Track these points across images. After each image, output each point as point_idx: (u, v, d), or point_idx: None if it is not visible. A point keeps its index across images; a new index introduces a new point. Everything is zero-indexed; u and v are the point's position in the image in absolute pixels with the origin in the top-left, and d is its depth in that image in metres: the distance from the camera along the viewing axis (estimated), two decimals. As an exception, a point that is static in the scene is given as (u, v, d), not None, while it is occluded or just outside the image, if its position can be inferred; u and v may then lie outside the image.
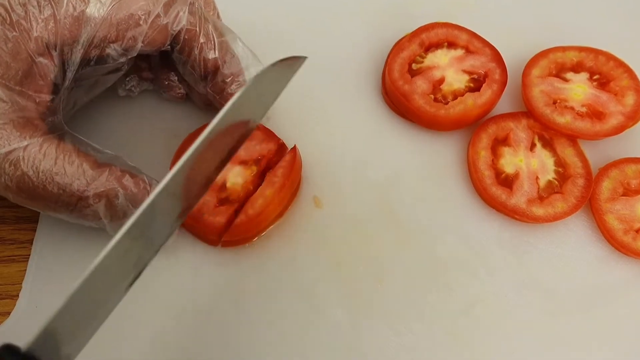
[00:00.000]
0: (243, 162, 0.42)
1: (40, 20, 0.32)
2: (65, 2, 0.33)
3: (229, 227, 0.40)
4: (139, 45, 0.36)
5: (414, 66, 0.47)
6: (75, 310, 0.25)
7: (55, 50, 0.33)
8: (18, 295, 0.41)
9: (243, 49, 0.41)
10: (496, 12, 0.52)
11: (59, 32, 0.33)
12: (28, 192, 0.33)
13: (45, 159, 0.33)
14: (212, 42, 0.39)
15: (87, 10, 0.33)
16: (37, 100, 0.33)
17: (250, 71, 0.41)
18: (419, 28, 0.48)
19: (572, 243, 0.43)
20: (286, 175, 0.41)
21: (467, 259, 0.42)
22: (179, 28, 0.37)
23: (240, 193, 0.41)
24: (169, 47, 0.38)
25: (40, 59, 0.33)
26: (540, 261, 0.42)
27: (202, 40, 0.38)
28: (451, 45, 0.47)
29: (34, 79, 0.33)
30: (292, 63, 0.33)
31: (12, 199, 0.34)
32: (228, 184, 0.41)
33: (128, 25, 0.35)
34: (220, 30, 0.40)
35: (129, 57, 0.37)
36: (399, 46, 0.47)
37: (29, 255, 0.42)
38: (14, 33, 0.31)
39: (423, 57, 0.47)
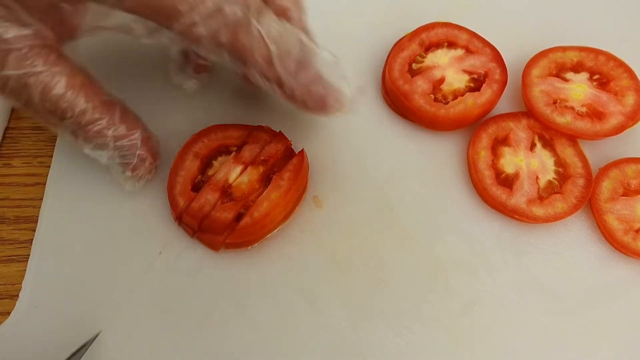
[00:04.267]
0: (251, 162, 0.42)
1: None
2: None
3: (234, 226, 0.40)
4: (168, 39, 0.35)
5: (414, 66, 0.47)
6: None
7: (82, 3, 0.33)
8: (18, 295, 0.41)
9: (327, 56, 0.38)
10: (496, 12, 0.52)
11: None
12: (32, 111, 0.34)
13: (54, 89, 0.33)
14: (267, 54, 0.34)
15: None
16: (59, 34, 0.34)
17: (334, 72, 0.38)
18: (419, 28, 0.48)
19: (572, 243, 0.43)
20: (293, 179, 0.41)
21: (467, 259, 0.42)
22: (218, 40, 0.34)
23: (245, 192, 0.41)
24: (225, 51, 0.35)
25: (64, 5, 0.32)
26: (540, 261, 0.42)
27: (255, 55, 0.34)
28: (451, 45, 0.47)
29: (55, 13, 0.32)
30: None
31: (17, 108, 0.35)
32: (233, 183, 0.41)
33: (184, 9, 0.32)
34: (280, 37, 0.35)
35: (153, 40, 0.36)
36: (399, 46, 0.47)
37: (29, 255, 0.42)
38: None
39: (423, 57, 0.47)
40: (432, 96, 0.45)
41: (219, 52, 0.34)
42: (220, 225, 0.40)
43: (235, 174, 0.41)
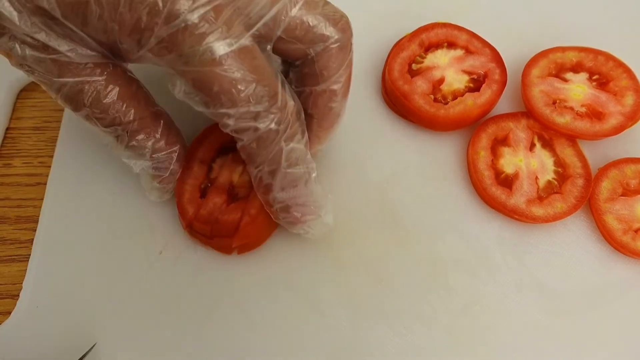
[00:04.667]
0: None
1: (143, 24, 0.30)
2: (195, 17, 0.29)
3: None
4: (200, 109, 0.33)
5: (413, 66, 0.47)
6: None
7: (139, 51, 0.32)
8: (18, 295, 0.41)
9: (315, 187, 0.38)
10: (496, 12, 0.52)
11: (154, 47, 0.31)
12: (83, 115, 0.35)
13: (107, 97, 0.34)
14: (276, 168, 0.35)
15: (204, 46, 0.29)
16: (115, 55, 0.34)
17: (311, 213, 0.38)
18: (419, 28, 0.48)
19: (571, 243, 0.43)
20: None
21: (467, 259, 0.42)
22: (234, 135, 0.33)
23: (249, 190, 0.41)
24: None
25: (124, 46, 0.32)
26: (540, 261, 0.42)
27: (265, 165, 0.35)
28: (451, 45, 0.47)
29: (116, 48, 0.33)
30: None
31: (54, 98, 0.35)
32: (237, 183, 0.41)
33: (211, 96, 0.31)
34: (295, 160, 0.35)
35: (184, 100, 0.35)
36: (399, 46, 0.47)
37: (30, 255, 0.42)
38: (128, 11, 0.30)
39: (423, 57, 0.47)
40: (432, 96, 0.45)
41: (236, 139, 0.34)
42: (230, 228, 0.39)
43: (237, 173, 0.41)
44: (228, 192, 0.41)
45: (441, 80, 0.46)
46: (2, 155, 0.47)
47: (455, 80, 0.46)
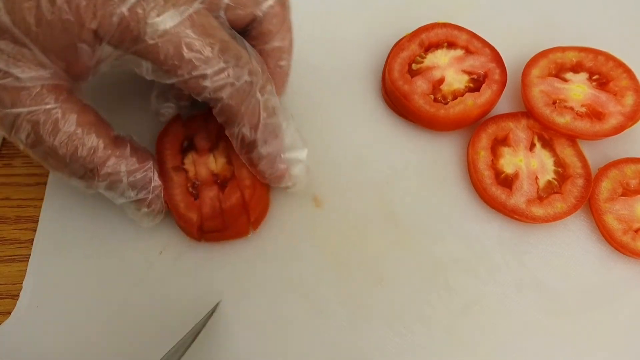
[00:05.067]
0: (212, 147, 0.42)
1: (97, 14, 0.31)
2: (126, 8, 0.31)
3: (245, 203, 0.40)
4: (169, 81, 0.34)
5: (413, 66, 0.47)
6: None
7: (100, 44, 0.33)
8: (18, 295, 0.41)
9: (292, 135, 0.39)
10: (496, 12, 0.52)
11: (109, 32, 0.32)
12: (41, 152, 0.34)
13: (64, 127, 0.33)
14: (256, 125, 0.36)
15: (145, 27, 0.31)
16: (70, 74, 0.34)
17: (293, 155, 0.40)
18: (419, 28, 0.48)
19: (571, 243, 0.43)
20: None
21: (467, 259, 0.42)
22: (214, 96, 0.34)
23: (232, 171, 0.41)
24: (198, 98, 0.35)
25: (84, 45, 0.32)
26: (540, 261, 0.42)
27: (246, 120, 0.36)
28: (451, 45, 0.47)
29: (73, 57, 0.33)
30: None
31: (24, 150, 0.35)
32: (218, 171, 0.41)
33: (170, 65, 0.33)
34: (272, 109, 0.37)
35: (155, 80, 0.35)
36: (399, 46, 0.47)
37: (30, 255, 0.42)
38: (70, 16, 0.30)
39: (423, 57, 0.47)
40: (432, 96, 0.45)
41: (213, 103, 0.35)
42: (239, 209, 0.40)
43: (212, 162, 0.41)
44: (215, 182, 0.41)
45: (441, 80, 0.46)
46: (2, 155, 0.47)
47: (455, 80, 0.46)
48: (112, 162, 0.36)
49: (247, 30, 0.39)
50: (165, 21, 0.32)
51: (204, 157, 0.42)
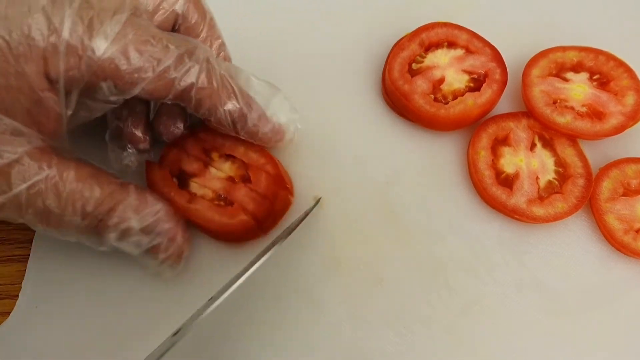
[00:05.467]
0: (207, 163, 0.42)
1: (41, 55, 0.31)
2: (68, 34, 0.31)
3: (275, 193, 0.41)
4: (136, 91, 0.34)
5: (414, 66, 0.47)
6: None
7: (58, 84, 0.32)
8: (18, 295, 0.41)
9: (259, 84, 0.40)
10: (496, 12, 0.52)
11: (60, 66, 0.32)
12: (51, 221, 0.33)
13: (67, 187, 0.33)
14: (234, 94, 0.37)
15: (90, 44, 0.32)
16: (46, 130, 0.33)
17: (274, 101, 0.40)
18: (419, 28, 0.48)
19: (572, 243, 0.43)
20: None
21: (467, 259, 0.42)
22: (185, 85, 0.35)
23: (241, 167, 0.41)
24: (169, 101, 0.36)
25: (45, 93, 0.32)
26: (540, 261, 0.42)
27: (222, 95, 0.37)
28: (451, 45, 0.47)
29: (42, 109, 0.32)
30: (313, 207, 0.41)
31: (21, 222, 0.34)
32: (232, 173, 0.41)
33: (131, 69, 0.33)
34: (234, 76, 0.38)
35: (123, 98, 0.35)
36: (399, 46, 0.47)
37: (29, 255, 0.42)
38: (17, 69, 0.30)
39: (423, 57, 0.47)
40: (432, 96, 0.45)
41: (187, 96, 0.36)
42: (272, 185, 0.41)
43: (218, 173, 0.41)
44: (236, 182, 0.41)
45: (441, 80, 0.46)
46: (2, 155, 0.47)
47: (456, 80, 0.46)
48: (119, 211, 0.35)
49: (176, 31, 0.40)
50: (107, 32, 0.32)
51: (206, 175, 0.41)
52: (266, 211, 0.40)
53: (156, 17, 0.37)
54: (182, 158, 0.42)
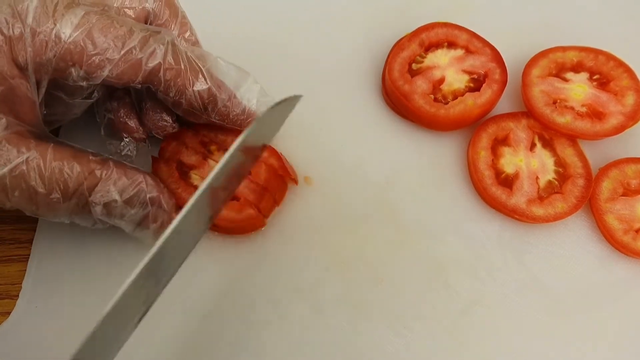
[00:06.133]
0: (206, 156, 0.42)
1: (7, 42, 0.32)
2: (32, 20, 0.32)
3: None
4: (105, 73, 0.34)
5: (414, 66, 0.47)
6: (90, 349, 0.26)
7: (27, 70, 0.33)
8: (18, 295, 0.41)
9: (227, 67, 0.40)
10: (496, 12, 0.52)
11: (27, 52, 0.33)
12: (36, 202, 0.34)
13: (48, 167, 0.33)
14: (202, 74, 0.38)
15: (55, 30, 0.33)
16: (22, 117, 0.34)
17: (243, 85, 0.40)
18: (419, 28, 0.48)
19: (572, 243, 0.43)
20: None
21: (467, 259, 0.42)
22: (152, 65, 0.35)
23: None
24: (139, 84, 0.36)
25: (16, 80, 0.33)
26: (540, 261, 0.42)
27: (191, 76, 0.37)
28: (451, 45, 0.47)
29: (15, 96, 0.33)
30: (289, 102, 0.36)
31: (10, 206, 0.34)
32: None
33: (97, 51, 0.34)
34: (202, 58, 0.38)
35: (92, 83, 0.35)
36: (399, 46, 0.47)
37: (29, 255, 0.42)
38: None
39: (423, 57, 0.47)
40: (432, 96, 0.45)
41: (155, 79, 0.36)
42: (274, 176, 0.42)
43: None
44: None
45: (441, 80, 0.46)
46: (2, 155, 0.47)
47: (456, 80, 0.46)
48: (100, 186, 0.35)
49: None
50: (71, 18, 0.33)
51: (205, 167, 0.42)
52: (267, 202, 0.41)
53: (127, 13, 0.38)
54: (181, 150, 0.42)
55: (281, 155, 0.43)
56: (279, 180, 0.43)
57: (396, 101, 0.46)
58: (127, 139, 0.42)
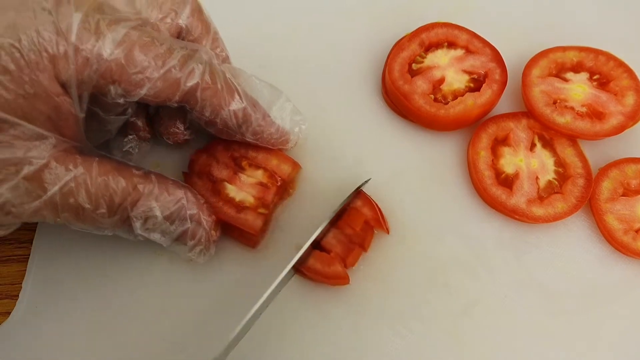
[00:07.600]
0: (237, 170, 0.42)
1: (51, 60, 0.32)
2: (75, 38, 0.32)
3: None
4: (143, 92, 0.34)
5: (414, 66, 0.47)
6: None
7: (70, 87, 0.33)
8: (18, 295, 0.41)
9: (261, 85, 0.40)
10: (496, 13, 0.52)
11: (70, 69, 0.32)
12: (83, 218, 0.34)
13: (94, 182, 0.34)
14: (238, 93, 0.38)
15: (97, 47, 0.32)
16: (66, 133, 0.34)
17: (276, 103, 0.41)
18: (419, 28, 0.48)
19: (572, 243, 0.43)
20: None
21: (467, 259, 0.42)
22: (191, 84, 0.35)
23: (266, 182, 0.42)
24: (175, 103, 0.36)
25: (60, 97, 0.33)
26: (540, 261, 0.42)
27: (227, 95, 0.37)
28: (451, 45, 0.47)
29: (60, 113, 0.33)
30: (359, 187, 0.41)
31: (58, 222, 0.34)
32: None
33: (137, 70, 0.34)
34: (236, 76, 0.39)
35: (129, 100, 0.35)
36: (399, 46, 0.47)
37: (29, 255, 0.42)
38: (31, 76, 0.31)
39: (423, 57, 0.47)
40: (432, 96, 0.45)
41: (192, 98, 0.36)
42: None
43: (248, 179, 0.42)
44: (272, 186, 0.42)
45: (441, 80, 0.46)
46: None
47: (456, 80, 0.46)
48: (142, 201, 0.35)
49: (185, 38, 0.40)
50: (113, 35, 0.33)
51: (236, 181, 0.41)
52: (356, 255, 0.41)
53: (160, 28, 0.38)
54: (212, 164, 0.42)
55: (375, 205, 0.42)
56: (370, 231, 0.42)
57: (396, 101, 0.46)
58: (131, 136, 0.42)
